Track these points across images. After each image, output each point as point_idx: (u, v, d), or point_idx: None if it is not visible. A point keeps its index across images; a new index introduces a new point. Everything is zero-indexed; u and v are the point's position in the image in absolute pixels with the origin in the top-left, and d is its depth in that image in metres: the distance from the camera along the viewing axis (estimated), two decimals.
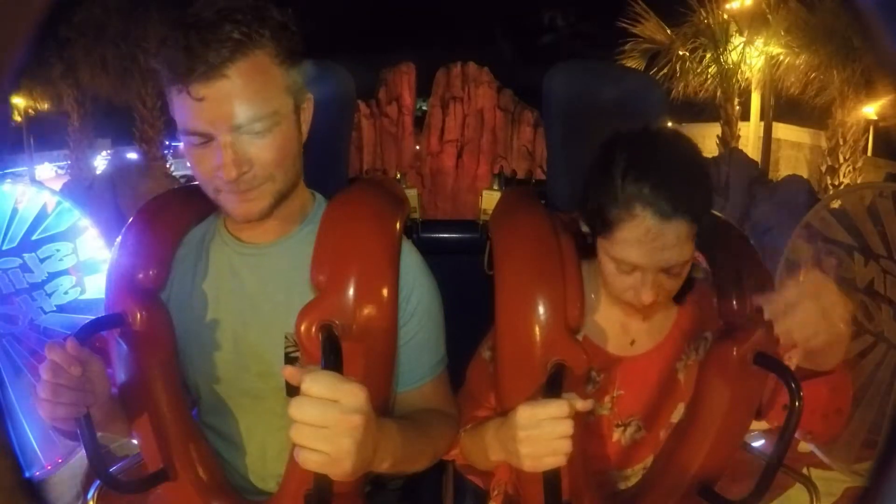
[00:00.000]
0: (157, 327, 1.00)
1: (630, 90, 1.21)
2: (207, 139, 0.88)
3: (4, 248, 2.55)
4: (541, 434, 0.83)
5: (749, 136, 9.45)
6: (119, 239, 1.06)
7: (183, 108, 0.87)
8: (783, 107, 8.94)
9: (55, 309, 2.61)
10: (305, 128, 0.98)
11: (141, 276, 1.01)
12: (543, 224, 1.08)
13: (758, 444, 1.35)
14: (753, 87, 8.90)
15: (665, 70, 8.52)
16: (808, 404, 0.95)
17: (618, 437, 1.09)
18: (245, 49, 0.86)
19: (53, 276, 2.61)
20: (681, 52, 8.59)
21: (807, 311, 0.84)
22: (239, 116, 0.87)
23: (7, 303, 2.55)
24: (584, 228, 1.00)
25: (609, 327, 1.07)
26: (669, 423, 1.11)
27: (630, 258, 0.91)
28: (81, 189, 5.98)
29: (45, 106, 8.95)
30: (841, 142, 7.49)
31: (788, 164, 9.85)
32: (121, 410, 1.00)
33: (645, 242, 0.89)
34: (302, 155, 0.98)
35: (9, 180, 2.76)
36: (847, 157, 7.50)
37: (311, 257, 0.98)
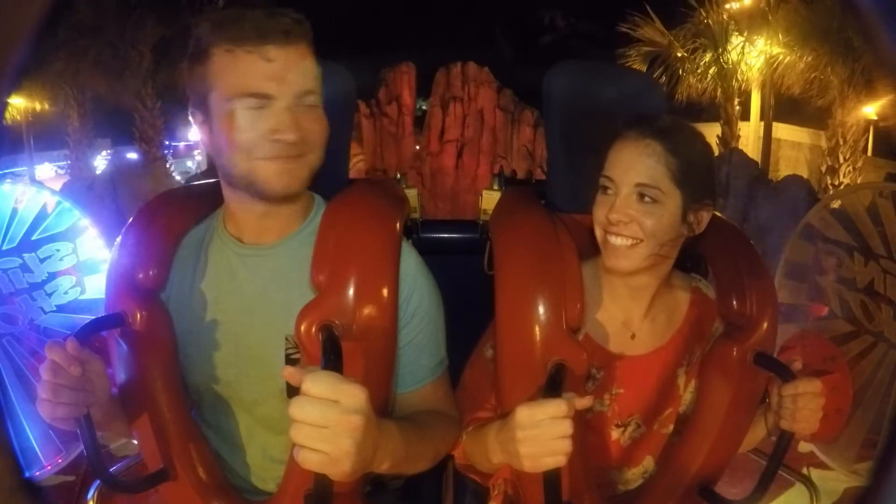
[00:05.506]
0: (157, 327, 1.00)
1: (630, 90, 1.21)
2: (264, 103, 0.91)
3: (4, 248, 2.55)
4: (540, 434, 0.83)
5: (749, 136, 9.44)
6: (119, 239, 1.06)
7: (246, 69, 0.90)
8: (783, 107, 8.93)
9: (55, 309, 2.61)
10: None
11: (141, 276, 1.01)
12: (543, 224, 1.08)
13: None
14: (753, 87, 8.89)
15: (665, 72, 8.51)
16: None
17: (617, 436, 1.09)
18: (303, 31, 0.93)
19: (53, 276, 2.61)
20: (680, 54, 8.59)
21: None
22: (302, 84, 0.93)
23: (7, 303, 2.55)
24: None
25: (610, 324, 1.07)
26: (666, 424, 1.11)
27: None
28: (81, 189, 5.98)
29: (45, 106, 8.95)
30: (841, 142, 7.49)
31: (788, 164, 9.84)
32: (121, 410, 1.00)
33: None
34: None
35: (9, 180, 2.76)
36: (847, 157, 7.49)
37: (310, 258, 0.98)
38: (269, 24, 0.90)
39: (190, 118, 0.98)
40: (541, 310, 0.98)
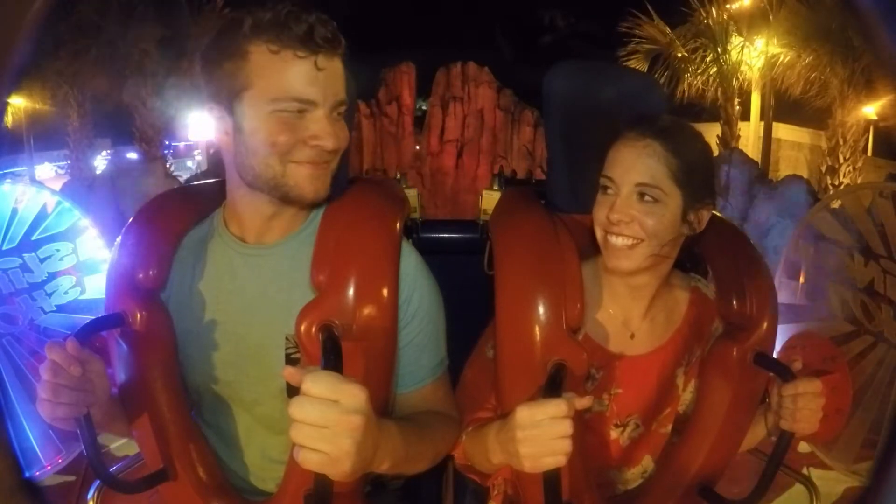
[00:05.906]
0: (157, 327, 1.00)
1: (630, 90, 1.20)
2: (307, 108, 0.91)
3: (4, 248, 2.56)
4: (540, 434, 0.83)
5: (749, 136, 9.43)
6: (119, 239, 1.06)
7: (296, 73, 0.90)
8: (783, 107, 8.93)
9: (55, 309, 2.62)
10: None
11: (141, 276, 1.01)
12: (543, 224, 1.08)
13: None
14: (753, 87, 8.89)
15: (666, 71, 8.51)
16: None
17: (616, 436, 1.09)
18: (342, 41, 0.94)
19: (53, 276, 2.61)
20: (680, 54, 8.58)
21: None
22: (341, 95, 0.95)
23: (7, 303, 2.56)
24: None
25: (609, 324, 1.07)
26: (665, 424, 1.11)
27: None
28: (81, 189, 5.98)
29: (45, 106, 8.94)
30: (841, 142, 7.47)
31: (788, 164, 9.85)
32: (121, 410, 1.00)
33: None
34: None
35: (9, 180, 2.77)
36: (847, 157, 7.48)
37: (311, 258, 0.98)
38: (321, 30, 0.90)
39: (207, 112, 0.96)
40: (541, 310, 0.98)
